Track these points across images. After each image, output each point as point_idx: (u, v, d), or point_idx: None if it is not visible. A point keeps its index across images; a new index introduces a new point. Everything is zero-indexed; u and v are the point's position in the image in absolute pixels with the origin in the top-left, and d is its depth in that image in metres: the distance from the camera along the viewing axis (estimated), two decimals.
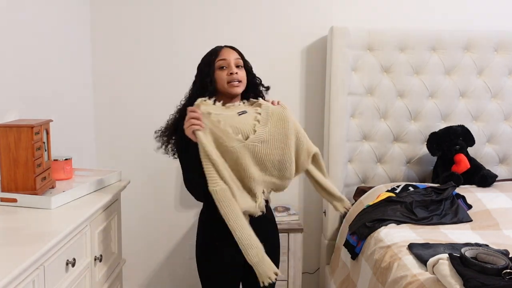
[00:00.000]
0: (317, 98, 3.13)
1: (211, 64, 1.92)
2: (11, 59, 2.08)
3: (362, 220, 2.51)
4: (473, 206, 2.57)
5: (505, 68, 3.03)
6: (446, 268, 1.66)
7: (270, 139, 1.82)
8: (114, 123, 3.11)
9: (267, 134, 1.82)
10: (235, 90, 1.89)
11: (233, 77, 1.88)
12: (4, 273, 1.15)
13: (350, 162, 3.05)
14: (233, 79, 1.88)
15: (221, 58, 1.90)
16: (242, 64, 1.93)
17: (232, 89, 1.88)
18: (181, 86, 3.06)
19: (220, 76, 1.90)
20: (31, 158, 1.76)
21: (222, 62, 1.90)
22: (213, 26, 3.05)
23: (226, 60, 1.90)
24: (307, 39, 3.09)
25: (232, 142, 1.75)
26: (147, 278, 3.25)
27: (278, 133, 1.85)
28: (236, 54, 1.94)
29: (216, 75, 1.90)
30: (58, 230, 1.49)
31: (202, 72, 1.95)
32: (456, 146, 2.82)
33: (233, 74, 1.88)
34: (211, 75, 1.90)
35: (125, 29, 3.03)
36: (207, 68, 1.93)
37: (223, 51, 1.93)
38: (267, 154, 1.81)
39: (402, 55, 2.99)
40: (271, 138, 1.83)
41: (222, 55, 1.91)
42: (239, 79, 1.89)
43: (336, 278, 2.73)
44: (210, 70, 1.91)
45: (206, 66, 1.94)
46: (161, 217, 3.20)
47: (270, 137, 1.82)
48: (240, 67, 1.92)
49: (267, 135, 1.82)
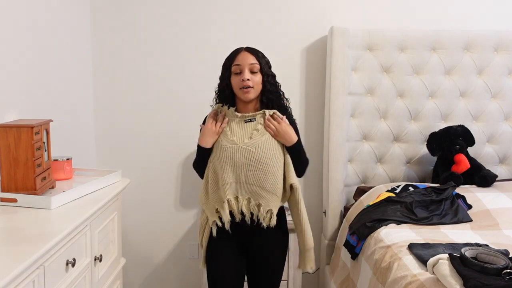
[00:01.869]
0: (317, 98, 3.13)
1: (227, 69, 2.02)
2: (11, 59, 2.08)
3: (362, 220, 2.51)
4: (473, 206, 2.57)
5: (505, 68, 3.03)
6: (446, 268, 1.66)
7: (263, 148, 1.95)
8: (114, 123, 3.11)
9: (261, 143, 1.96)
10: (245, 96, 1.98)
11: (244, 83, 1.96)
12: (4, 273, 1.15)
13: (350, 162, 3.05)
14: (244, 85, 1.96)
15: (236, 63, 1.99)
16: (257, 69, 1.99)
17: (243, 95, 1.98)
18: (182, 86, 3.09)
19: (234, 81, 2.00)
20: (31, 158, 1.76)
21: (236, 67, 1.99)
22: (213, 26, 3.05)
23: (240, 66, 1.98)
24: (307, 39, 3.09)
25: (226, 142, 1.96)
26: (147, 278, 3.25)
27: (272, 145, 1.98)
28: (252, 58, 2.00)
29: (232, 80, 2.01)
30: (58, 230, 1.49)
31: (222, 74, 2.06)
32: (456, 146, 2.82)
33: (244, 80, 1.96)
34: (227, 79, 2.02)
35: (125, 29, 3.03)
36: (225, 71, 2.04)
37: (239, 56, 2.01)
38: (256, 161, 1.93)
39: (402, 55, 2.99)
40: (265, 147, 1.95)
41: (237, 60, 2.00)
42: (250, 85, 1.96)
43: (336, 278, 2.73)
44: (226, 74, 2.03)
45: (224, 69, 2.05)
46: (161, 217, 3.19)
47: (264, 146, 1.95)
48: (255, 72, 1.98)
49: (261, 144, 1.96)
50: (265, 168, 1.93)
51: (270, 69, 2.04)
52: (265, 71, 2.00)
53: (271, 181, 1.94)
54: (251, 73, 1.97)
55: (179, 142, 3.10)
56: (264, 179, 1.93)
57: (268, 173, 1.94)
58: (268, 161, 1.94)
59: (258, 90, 2.01)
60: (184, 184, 3.15)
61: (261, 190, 1.94)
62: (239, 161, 1.94)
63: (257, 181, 1.93)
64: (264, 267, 2.09)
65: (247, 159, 1.93)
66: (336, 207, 3.00)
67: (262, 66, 2.00)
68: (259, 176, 1.93)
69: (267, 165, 1.94)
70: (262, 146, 1.95)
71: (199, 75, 3.04)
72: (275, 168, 1.96)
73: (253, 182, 1.94)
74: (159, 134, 3.12)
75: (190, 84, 3.06)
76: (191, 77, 3.07)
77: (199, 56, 3.05)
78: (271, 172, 1.95)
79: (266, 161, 1.94)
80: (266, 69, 2.02)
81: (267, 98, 2.03)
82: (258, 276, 2.11)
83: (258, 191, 1.94)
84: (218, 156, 1.97)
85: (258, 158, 1.93)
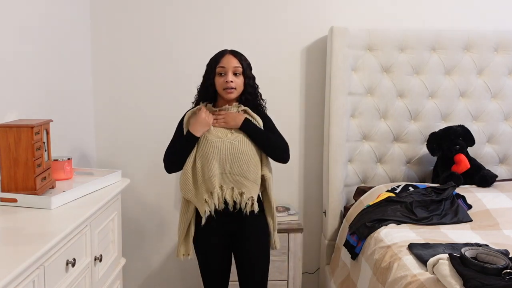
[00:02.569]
0: (317, 98, 3.13)
1: (212, 69, 2.19)
2: (11, 59, 2.08)
3: (362, 220, 2.51)
4: (473, 206, 2.57)
5: (505, 68, 3.03)
6: (446, 268, 1.66)
7: (245, 141, 2.14)
8: (114, 123, 3.11)
9: (242, 137, 2.15)
10: (229, 96, 2.18)
11: (227, 84, 2.15)
12: (4, 273, 1.15)
13: (350, 162, 3.05)
14: (228, 87, 2.15)
15: (220, 65, 2.17)
16: (240, 72, 2.18)
17: (226, 95, 2.18)
18: (181, 86, 3.09)
19: (218, 81, 2.18)
20: (31, 158, 1.76)
21: (221, 69, 2.17)
22: (213, 26, 3.05)
23: (224, 68, 2.16)
24: (307, 39, 3.09)
25: (212, 137, 2.13)
26: (147, 278, 3.25)
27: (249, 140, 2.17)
28: (236, 61, 2.18)
29: (215, 80, 2.19)
30: (58, 230, 1.49)
31: (206, 73, 2.24)
32: (456, 146, 2.82)
33: (228, 82, 2.15)
34: (212, 79, 2.19)
35: (125, 29, 3.03)
36: (209, 72, 2.21)
37: (224, 58, 2.18)
38: (241, 152, 2.11)
39: (402, 55, 2.99)
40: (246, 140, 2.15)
41: (222, 62, 2.17)
42: (233, 86, 2.16)
43: (336, 278, 2.73)
44: (211, 74, 2.20)
45: (209, 69, 2.22)
46: (161, 217, 3.20)
47: (245, 140, 2.15)
48: (238, 74, 2.17)
49: (242, 138, 2.15)
50: (248, 159, 2.12)
51: (251, 72, 2.23)
52: (246, 74, 2.19)
53: (253, 171, 2.13)
54: (234, 75, 2.16)
55: None
56: (246, 169, 2.12)
57: (250, 164, 2.13)
58: (250, 153, 2.13)
59: (240, 91, 2.20)
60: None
61: (244, 180, 2.12)
62: (225, 154, 2.11)
63: (240, 172, 2.11)
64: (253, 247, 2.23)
65: (231, 152, 2.11)
66: (336, 207, 3.00)
67: (244, 69, 2.18)
68: (242, 166, 2.11)
69: (249, 156, 2.13)
70: (244, 139, 2.14)
71: (200, 76, 3.03)
72: (255, 159, 2.16)
73: (237, 172, 2.11)
74: (159, 134, 3.11)
75: (191, 85, 3.03)
76: (191, 77, 3.05)
77: (199, 56, 3.02)
78: (253, 163, 2.14)
79: (248, 152, 2.13)
80: (248, 71, 2.21)
81: (245, 98, 2.22)
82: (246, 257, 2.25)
83: (241, 181, 2.11)
84: (205, 149, 2.12)
85: (242, 150, 2.12)
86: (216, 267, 2.26)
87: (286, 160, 2.25)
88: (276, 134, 2.25)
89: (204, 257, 2.26)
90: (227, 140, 2.13)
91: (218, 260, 2.26)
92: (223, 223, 2.17)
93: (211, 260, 2.25)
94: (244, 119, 2.17)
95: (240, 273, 2.29)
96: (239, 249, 2.25)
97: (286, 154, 2.24)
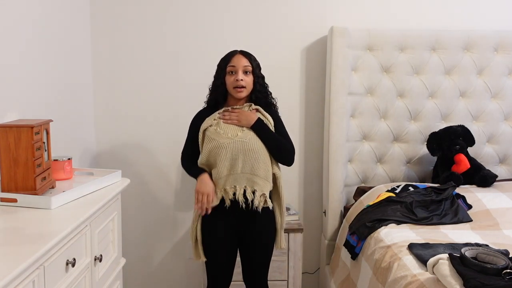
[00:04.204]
0: (317, 98, 3.13)
1: (223, 68, 2.25)
2: (11, 59, 2.08)
3: (362, 220, 2.51)
4: (473, 206, 2.57)
5: (505, 68, 3.03)
6: (446, 268, 1.66)
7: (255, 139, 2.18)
8: (114, 123, 3.11)
9: (252, 135, 2.18)
10: (239, 95, 2.23)
11: (238, 83, 2.20)
12: (4, 273, 1.15)
13: (350, 162, 3.05)
14: (238, 85, 2.20)
15: (231, 65, 2.23)
16: (250, 71, 2.23)
17: (236, 94, 2.23)
18: (181, 86, 3.09)
19: (228, 80, 2.23)
20: (31, 158, 1.76)
21: (231, 68, 2.22)
22: (213, 26, 3.05)
23: (235, 67, 2.21)
24: (307, 39, 3.09)
25: (223, 140, 2.16)
26: (147, 278, 3.25)
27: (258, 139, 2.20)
28: (246, 60, 2.23)
29: (226, 79, 2.24)
30: (58, 230, 1.49)
31: (217, 73, 2.29)
32: (456, 146, 2.82)
33: (238, 80, 2.19)
34: (222, 78, 2.25)
35: (126, 29, 3.03)
36: (220, 71, 2.27)
37: (234, 58, 2.24)
38: (251, 150, 2.15)
39: (402, 55, 2.99)
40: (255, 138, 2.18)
41: (232, 61, 2.23)
42: (243, 85, 2.21)
43: (336, 278, 2.73)
44: (221, 73, 2.25)
45: (219, 69, 2.28)
46: (161, 217, 3.20)
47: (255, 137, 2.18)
48: (248, 73, 2.22)
49: (253, 135, 2.18)
50: (258, 157, 2.16)
51: (260, 71, 2.28)
52: (256, 73, 2.25)
53: (263, 168, 2.17)
54: (244, 74, 2.21)
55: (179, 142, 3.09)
56: (257, 167, 2.16)
57: (260, 161, 2.17)
58: (260, 150, 2.17)
59: (249, 90, 2.25)
60: (184, 184, 3.15)
61: (255, 177, 2.16)
62: (236, 153, 2.15)
63: (251, 169, 2.15)
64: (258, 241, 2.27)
65: (242, 150, 2.15)
66: (336, 207, 3.00)
67: (254, 68, 2.24)
68: (253, 164, 2.15)
69: (259, 154, 2.17)
70: (254, 137, 2.18)
71: (200, 76, 3.04)
72: (266, 157, 2.19)
73: (248, 170, 2.15)
74: (159, 134, 3.12)
75: (191, 85, 3.06)
76: (191, 78, 3.07)
77: (199, 56, 3.05)
78: (263, 160, 2.18)
79: (259, 150, 2.17)
80: (257, 71, 2.26)
81: (256, 97, 2.27)
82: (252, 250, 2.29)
83: (253, 179, 2.16)
84: (217, 153, 2.16)
85: (252, 148, 2.16)
86: (222, 260, 2.28)
87: (291, 163, 2.29)
88: (284, 137, 2.29)
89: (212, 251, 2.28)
90: (237, 139, 2.17)
91: (224, 253, 2.28)
92: (231, 219, 2.21)
93: (218, 252, 2.27)
94: (257, 119, 2.21)
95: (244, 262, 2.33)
96: (245, 244, 2.28)
97: (291, 158, 2.28)
